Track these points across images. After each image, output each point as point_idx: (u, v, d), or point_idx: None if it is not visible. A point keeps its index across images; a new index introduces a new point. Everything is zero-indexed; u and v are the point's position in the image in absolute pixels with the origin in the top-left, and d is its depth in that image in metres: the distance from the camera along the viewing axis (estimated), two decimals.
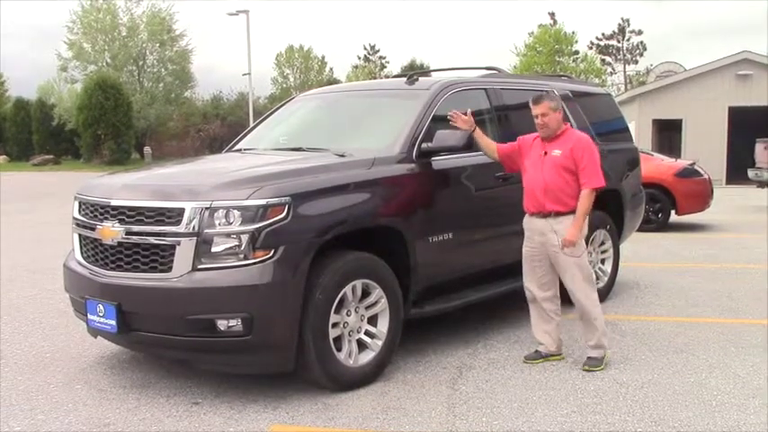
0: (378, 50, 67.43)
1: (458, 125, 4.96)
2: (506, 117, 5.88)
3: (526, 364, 4.86)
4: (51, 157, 41.30)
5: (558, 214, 4.77)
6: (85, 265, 4.55)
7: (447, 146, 4.89)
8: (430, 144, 4.89)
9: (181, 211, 4.06)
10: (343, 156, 4.78)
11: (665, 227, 11.63)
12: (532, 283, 4.99)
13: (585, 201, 4.75)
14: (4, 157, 44.02)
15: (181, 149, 41.52)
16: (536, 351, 5.00)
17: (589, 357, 4.83)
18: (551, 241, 4.80)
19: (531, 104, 4.88)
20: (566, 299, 5.00)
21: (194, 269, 4.02)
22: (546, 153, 4.83)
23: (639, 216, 7.48)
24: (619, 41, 60.94)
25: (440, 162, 5.02)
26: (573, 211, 4.75)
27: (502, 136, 5.74)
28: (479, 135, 5.05)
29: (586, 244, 6.33)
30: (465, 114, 4.97)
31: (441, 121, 5.12)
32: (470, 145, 4.91)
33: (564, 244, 4.71)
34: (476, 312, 5.83)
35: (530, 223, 4.95)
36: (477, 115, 5.72)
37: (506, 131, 5.80)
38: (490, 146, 5.14)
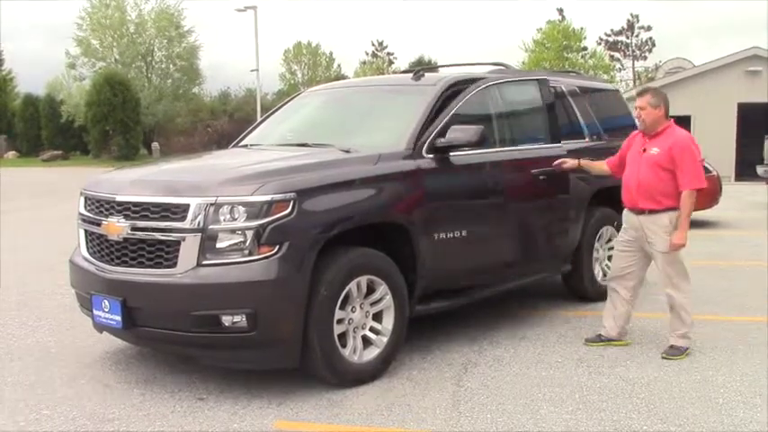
0: (386, 46, 67.56)
1: (565, 168, 5.49)
2: (513, 113, 5.84)
3: (532, 361, 4.83)
4: (60, 152, 41.54)
5: (652, 212, 4.84)
6: (91, 260, 4.56)
7: (457, 142, 4.84)
8: (441, 140, 4.86)
9: (186, 207, 4.06)
10: (348, 152, 4.76)
11: None
12: (617, 270, 5.18)
13: (687, 202, 4.76)
14: (14, 152, 44.24)
15: (189, 145, 41.49)
16: (598, 335, 5.20)
17: (672, 346, 4.93)
18: (646, 238, 4.91)
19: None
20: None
21: (199, 265, 4.02)
22: (645, 150, 4.88)
23: None
24: (628, 37, 60.72)
25: (446, 158, 4.96)
26: (667, 209, 4.80)
27: (509, 132, 5.73)
28: (587, 164, 5.44)
29: (594, 240, 6.34)
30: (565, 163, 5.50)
31: (447, 116, 5.09)
32: (481, 141, 4.83)
33: (672, 248, 4.79)
34: (482, 310, 5.81)
35: (626, 217, 5.08)
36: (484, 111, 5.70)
37: (512, 128, 5.79)
38: (601, 167, 5.40)
